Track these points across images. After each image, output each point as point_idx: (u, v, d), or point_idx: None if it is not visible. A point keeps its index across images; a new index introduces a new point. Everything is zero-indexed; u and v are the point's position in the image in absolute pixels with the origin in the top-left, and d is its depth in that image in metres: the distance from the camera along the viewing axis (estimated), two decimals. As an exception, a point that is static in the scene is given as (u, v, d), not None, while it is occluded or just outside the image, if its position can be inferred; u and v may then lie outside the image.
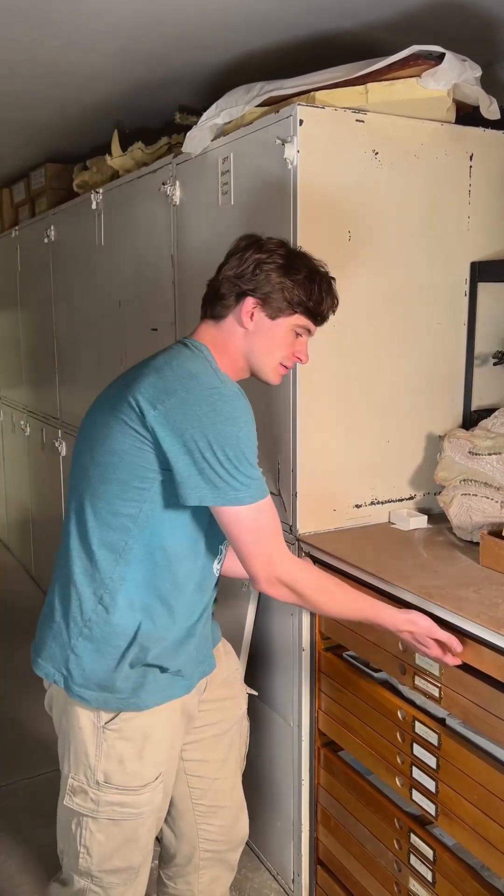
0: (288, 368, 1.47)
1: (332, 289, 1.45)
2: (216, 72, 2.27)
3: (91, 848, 1.38)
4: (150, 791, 1.39)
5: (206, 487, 1.27)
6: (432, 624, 1.38)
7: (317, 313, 1.43)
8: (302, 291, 1.39)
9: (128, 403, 1.30)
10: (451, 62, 1.72)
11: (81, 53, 2.14)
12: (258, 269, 1.38)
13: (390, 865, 1.65)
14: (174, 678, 1.41)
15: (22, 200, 3.83)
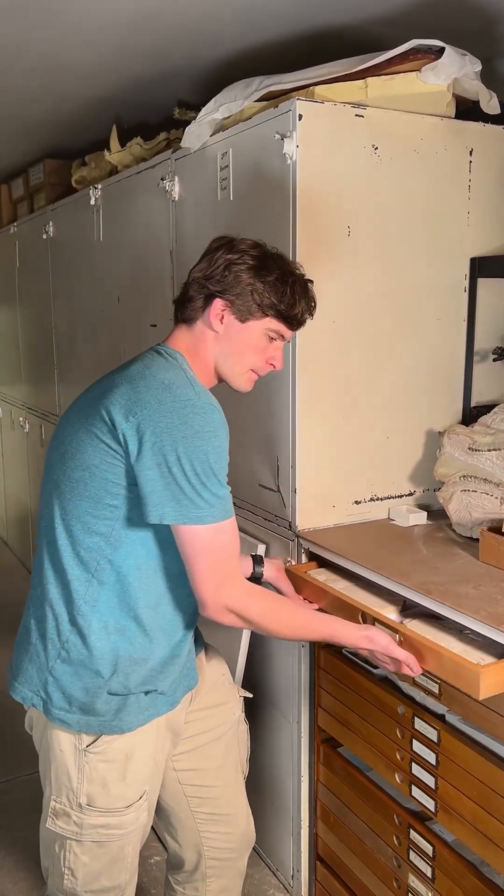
0: (260, 375, 1.43)
1: (307, 292, 1.40)
2: (215, 66, 2.27)
3: (76, 870, 1.35)
4: (134, 811, 1.36)
5: (168, 504, 1.22)
6: (390, 642, 1.35)
7: (290, 317, 1.38)
8: (273, 293, 1.34)
9: (99, 416, 1.26)
10: (450, 56, 1.71)
11: (79, 48, 2.13)
12: (227, 270, 1.34)
13: (390, 861, 1.65)
14: (157, 696, 1.38)
15: (20, 196, 3.82)
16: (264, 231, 1.80)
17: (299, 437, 1.78)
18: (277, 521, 1.88)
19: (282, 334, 1.40)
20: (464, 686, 1.26)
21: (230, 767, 1.60)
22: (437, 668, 1.31)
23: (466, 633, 1.41)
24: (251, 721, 2.06)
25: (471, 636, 1.40)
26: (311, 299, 1.42)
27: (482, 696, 1.24)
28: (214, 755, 1.57)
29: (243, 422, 1.99)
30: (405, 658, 1.34)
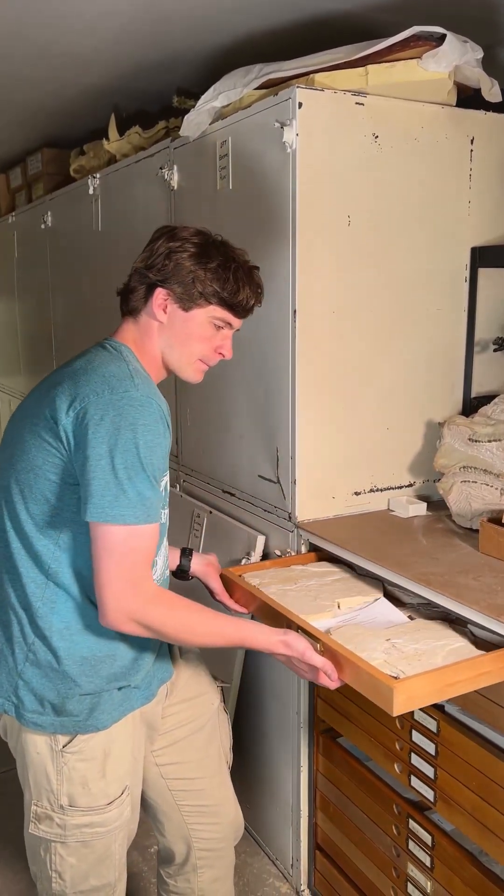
0: (210, 366, 1.40)
1: (251, 278, 1.36)
2: (214, 54, 2.25)
3: (63, 872, 1.34)
4: (117, 807, 1.35)
5: (91, 499, 1.19)
6: (308, 647, 1.29)
7: (234, 304, 1.34)
8: (216, 280, 1.31)
9: (43, 415, 1.25)
10: (452, 44, 1.69)
11: (78, 35, 2.11)
12: (168, 259, 1.31)
13: (389, 850, 1.65)
14: (130, 691, 1.37)
15: (18, 186, 3.80)
16: (264, 220, 1.79)
17: (299, 428, 1.78)
18: (277, 512, 1.88)
19: (228, 322, 1.36)
20: (379, 701, 1.21)
21: (212, 758, 1.59)
22: (355, 681, 1.26)
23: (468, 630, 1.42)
24: (251, 711, 2.07)
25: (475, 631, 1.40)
26: (256, 286, 1.38)
27: (396, 712, 1.18)
28: (195, 747, 1.56)
29: (242, 413, 1.99)
30: (322, 665, 1.28)
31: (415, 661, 1.28)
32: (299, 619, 1.41)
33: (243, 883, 2.03)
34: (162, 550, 1.39)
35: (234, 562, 1.94)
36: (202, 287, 1.31)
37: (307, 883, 1.98)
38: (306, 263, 1.71)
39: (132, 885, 2.02)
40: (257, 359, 1.89)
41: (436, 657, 1.30)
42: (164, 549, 1.40)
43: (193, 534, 2.20)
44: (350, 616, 1.50)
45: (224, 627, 1.30)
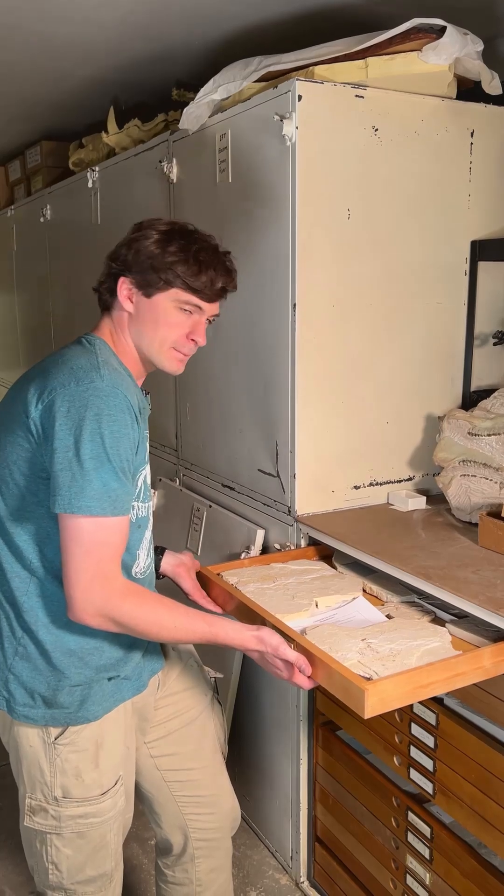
0: (186, 354, 1.37)
1: (217, 259, 1.32)
2: (214, 46, 2.24)
3: (59, 864, 1.35)
4: (111, 797, 1.36)
5: (58, 490, 1.18)
6: (281, 642, 1.27)
7: (197, 287, 1.30)
8: (176, 263, 1.29)
9: (16, 410, 1.26)
10: (452, 36, 1.69)
11: (77, 27, 2.10)
12: (129, 247, 1.31)
13: (388, 843, 1.66)
14: (121, 682, 1.37)
15: (17, 179, 3.79)
16: (263, 213, 1.79)
17: (298, 422, 1.78)
18: (276, 506, 1.88)
19: (197, 306, 1.33)
20: (350, 703, 1.19)
21: (207, 749, 1.59)
22: (328, 683, 1.25)
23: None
24: (250, 704, 2.08)
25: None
26: (223, 267, 1.33)
27: (367, 714, 1.16)
28: (189, 738, 1.57)
29: (242, 407, 1.98)
30: (296, 660, 1.25)
31: (389, 661, 1.27)
32: (274, 619, 1.41)
33: (243, 875, 2.04)
34: (144, 543, 1.39)
35: (234, 556, 1.95)
36: (161, 271, 1.29)
37: (307, 875, 1.99)
38: (306, 256, 1.71)
39: (132, 878, 2.03)
40: (257, 353, 1.88)
41: (411, 658, 1.29)
42: (146, 542, 1.40)
43: (193, 528, 2.20)
44: (327, 615, 1.50)
45: (195, 623, 1.28)
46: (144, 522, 1.37)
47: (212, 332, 2.06)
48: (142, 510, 1.35)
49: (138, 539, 1.35)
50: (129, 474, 1.24)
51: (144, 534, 1.38)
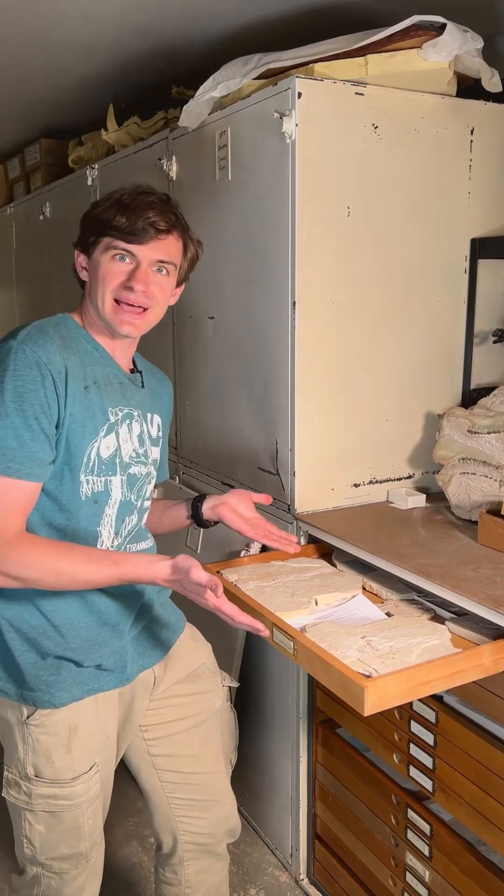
0: (131, 305, 1.31)
1: (140, 199, 1.30)
2: (213, 44, 2.23)
3: (32, 839, 1.36)
4: (83, 782, 1.35)
5: None
6: (194, 564, 1.18)
7: (122, 228, 1.28)
8: (102, 213, 1.31)
9: None
10: (452, 33, 1.68)
11: (76, 24, 2.10)
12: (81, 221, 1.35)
13: (387, 840, 1.66)
14: (97, 672, 1.36)
15: (17, 177, 3.79)
16: (263, 211, 1.79)
17: (298, 420, 1.78)
18: (276, 503, 1.88)
19: (127, 250, 1.30)
20: (350, 700, 1.19)
21: (209, 755, 1.58)
22: (327, 680, 1.25)
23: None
24: (250, 702, 2.08)
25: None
26: (145, 203, 1.30)
27: (367, 711, 1.16)
28: (191, 742, 1.55)
29: (242, 405, 1.98)
30: (207, 581, 1.16)
31: (389, 659, 1.27)
32: (275, 617, 1.41)
33: (243, 872, 2.04)
34: (107, 520, 1.34)
35: (234, 553, 1.94)
36: (93, 225, 1.32)
37: (306, 872, 1.99)
38: (306, 254, 1.71)
39: (132, 875, 2.04)
40: (257, 351, 1.88)
41: (410, 655, 1.29)
42: (110, 518, 1.35)
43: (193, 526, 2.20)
44: (327, 613, 1.50)
45: (99, 565, 1.22)
46: (103, 498, 1.33)
47: (211, 330, 2.08)
48: (97, 484, 1.31)
49: (96, 515, 1.32)
50: (41, 436, 1.22)
51: (104, 510, 1.33)
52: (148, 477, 1.44)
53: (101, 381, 1.32)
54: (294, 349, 1.74)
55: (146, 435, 1.43)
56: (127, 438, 1.37)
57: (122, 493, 1.36)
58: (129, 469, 1.38)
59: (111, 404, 1.34)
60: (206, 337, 2.10)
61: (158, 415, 1.49)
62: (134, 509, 1.40)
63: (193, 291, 2.16)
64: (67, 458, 1.27)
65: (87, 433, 1.29)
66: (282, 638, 1.36)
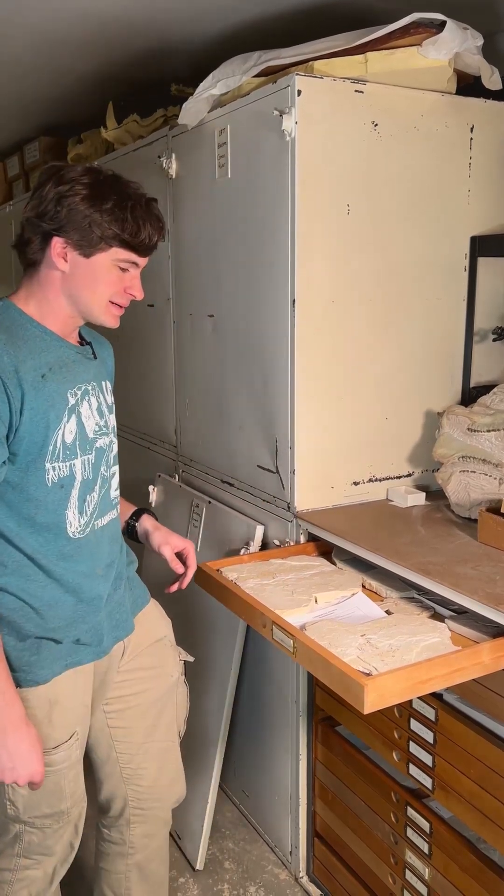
0: (122, 307, 1.36)
1: (150, 212, 1.31)
2: (213, 41, 2.23)
3: (16, 801, 1.39)
4: (64, 750, 1.38)
5: None
6: (10, 769, 1.28)
7: (136, 244, 1.30)
8: (114, 222, 1.27)
9: None
10: (452, 31, 1.68)
11: (76, 22, 2.10)
12: (60, 205, 1.26)
13: (387, 838, 1.66)
14: (76, 647, 1.39)
15: (16, 175, 3.78)
16: (263, 209, 1.78)
17: (298, 418, 1.78)
18: (276, 502, 1.88)
19: (134, 262, 1.33)
20: (350, 698, 1.19)
21: (162, 727, 1.61)
22: (327, 678, 1.25)
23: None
24: (250, 699, 2.08)
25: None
26: (156, 220, 1.32)
27: (367, 710, 1.16)
28: (146, 715, 1.58)
29: (241, 403, 1.98)
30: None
31: (388, 657, 1.28)
32: (275, 615, 1.41)
33: (242, 870, 2.05)
34: (72, 503, 1.35)
35: (234, 552, 1.95)
36: (101, 231, 1.27)
37: (306, 870, 2.00)
38: (305, 252, 1.71)
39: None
40: (256, 349, 1.88)
41: (410, 653, 1.29)
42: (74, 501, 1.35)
43: (192, 524, 2.20)
44: (327, 611, 1.50)
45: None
46: (69, 482, 1.33)
47: (211, 328, 2.07)
48: (62, 470, 1.32)
49: (62, 499, 1.33)
50: None
51: (70, 493, 1.34)
52: (111, 445, 1.45)
53: (54, 365, 1.31)
54: (293, 347, 1.74)
55: (104, 405, 1.43)
56: (89, 414, 1.37)
57: (84, 473, 1.36)
58: (96, 443, 1.39)
59: (69, 386, 1.33)
60: (205, 335, 2.10)
61: (108, 380, 1.50)
62: (94, 486, 1.39)
63: (193, 289, 2.16)
64: (31, 451, 1.28)
65: (50, 423, 1.29)
66: (281, 636, 1.36)
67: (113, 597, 1.47)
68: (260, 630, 1.45)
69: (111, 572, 1.46)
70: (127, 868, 1.65)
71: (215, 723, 2.05)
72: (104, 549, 1.44)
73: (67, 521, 1.35)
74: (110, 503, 1.46)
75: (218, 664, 2.05)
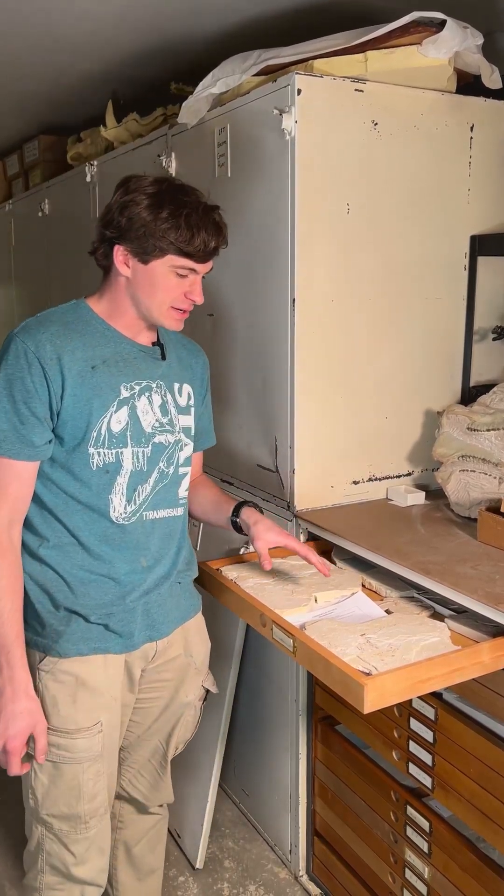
0: (185, 311, 1.40)
1: (207, 220, 1.34)
2: (212, 40, 2.23)
3: (36, 789, 1.41)
4: (85, 738, 1.39)
5: None
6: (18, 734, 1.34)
7: (190, 252, 1.32)
8: (169, 230, 1.30)
9: None
10: (452, 29, 1.68)
11: (75, 21, 2.09)
12: (122, 214, 1.32)
13: (387, 837, 1.66)
14: (105, 633, 1.40)
15: (16, 173, 3.78)
16: (263, 208, 1.78)
17: (298, 418, 1.78)
18: (276, 501, 1.88)
19: (192, 268, 1.35)
20: (350, 698, 1.19)
21: (159, 739, 1.61)
22: (327, 678, 1.25)
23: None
24: (250, 699, 2.08)
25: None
26: (214, 226, 1.35)
27: (367, 709, 1.16)
28: (147, 719, 1.58)
29: (241, 402, 1.98)
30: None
31: (388, 656, 1.28)
32: (274, 614, 1.41)
33: (242, 869, 2.05)
34: (118, 489, 1.39)
35: (233, 551, 1.94)
36: (155, 240, 1.31)
37: (305, 869, 2.00)
38: (305, 251, 1.71)
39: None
40: (256, 348, 1.88)
41: (410, 653, 1.29)
42: (121, 487, 1.40)
43: (192, 523, 2.20)
44: (327, 610, 1.50)
45: (4, 627, 1.32)
46: (114, 468, 1.38)
47: (210, 327, 2.07)
48: (108, 456, 1.37)
49: (107, 484, 1.38)
50: (31, 419, 1.31)
51: (116, 479, 1.39)
52: (178, 445, 1.48)
53: (110, 359, 1.38)
54: (293, 346, 1.74)
55: (171, 405, 1.47)
56: (147, 409, 1.42)
57: (135, 463, 1.41)
58: (154, 439, 1.44)
59: (124, 380, 1.39)
60: (205, 334, 2.10)
61: (189, 384, 1.53)
62: (148, 478, 1.43)
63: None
64: (76, 435, 1.35)
65: (93, 410, 1.35)
66: (281, 635, 1.37)
67: (153, 593, 1.46)
68: (260, 629, 1.45)
69: (158, 568, 1.46)
70: (114, 844, 1.67)
71: (215, 721, 2.05)
72: (153, 542, 1.45)
73: (111, 506, 1.39)
74: (172, 501, 1.49)
75: (217, 663, 2.05)
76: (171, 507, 1.49)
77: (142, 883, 1.75)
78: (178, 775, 1.98)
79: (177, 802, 1.83)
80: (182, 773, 2.08)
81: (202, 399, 1.59)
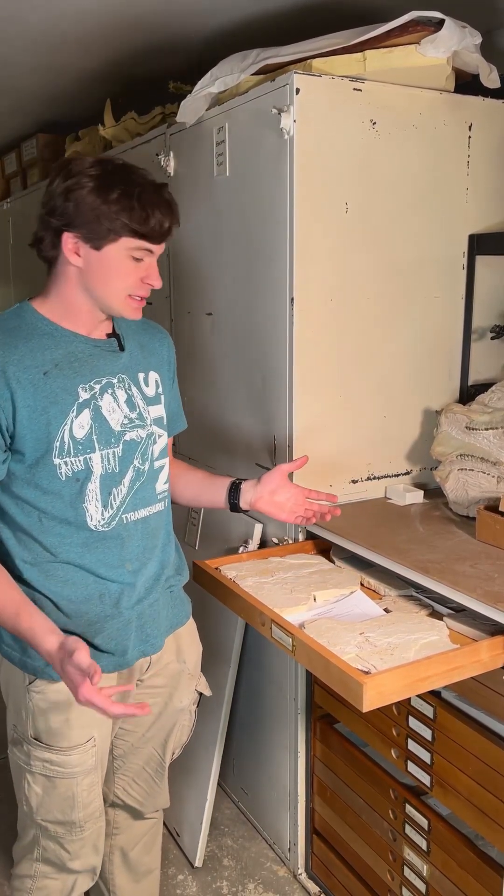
0: (143, 298, 1.34)
1: (160, 198, 1.28)
2: (211, 39, 2.23)
3: (30, 799, 1.40)
4: (79, 753, 1.38)
5: None
6: (81, 647, 1.17)
7: (146, 232, 1.26)
8: (121, 212, 1.23)
9: None
10: (450, 29, 1.68)
11: (74, 20, 2.09)
12: (67, 199, 1.24)
13: (385, 835, 1.67)
14: (96, 654, 1.35)
15: (14, 172, 3.77)
16: (261, 207, 1.78)
17: (296, 417, 1.78)
18: (274, 500, 1.88)
19: (148, 249, 1.29)
20: (349, 696, 1.19)
21: (154, 745, 1.60)
22: (326, 676, 1.25)
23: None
24: (249, 697, 2.08)
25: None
26: (166, 205, 1.29)
27: (366, 707, 1.16)
28: (140, 727, 1.57)
29: (240, 401, 1.98)
30: (88, 667, 1.14)
31: (387, 655, 1.28)
32: (273, 613, 1.41)
33: (241, 867, 2.05)
34: (91, 496, 1.34)
35: (232, 550, 1.95)
36: (108, 222, 1.24)
37: (304, 867, 2.00)
38: (304, 251, 1.71)
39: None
40: (255, 347, 1.88)
41: (409, 651, 1.29)
42: (94, 494, 1.34)
43: (191, 522, 2.20)
44: (326, 609, 1.50)
45: (3, 608, 1.26)
46: (84, 475, 1.32)
47: (209, 326, 2.07)
48: (76, 464, 1.31)
49: (79, 493, 1.32)
50: None
51: (86, 486, 1.33)
52: (151, 438, 1.42)
53: (62, 362, 1.30)
54: (292, 345, 1.74)
55: (137, 397, 1.41)
56: (114, 407, 1.36)
57: (105, 466, 1.35)
58: (125, 436, 1.37)
59: (81, 381, 1.32)
60: (204, 333, 2.10)
61: (155, 370, 1.47)
62: (121, 479, 1.38)
63: (191, 287, 2.16)
64: (38, 447, 1.28)
65: (51, 419, 1.28)
66: (280, 634, 1.37)
67: (144, 601, 1.43)
68: (259, 628, 1.45)
69: (145, 570, 1.43)
70: (110, 850, 1.67)
71: (214, 720, 2.05)
72: (135, 544, 1.40)
73: (88, 515, 1.34)
74: (151, 498, 1.43)
75: (216, 662, 2.05)
76: (150, 505, 1.43)
77: (139, 884, 1.75)
78: (177, 774, 1.99)
79: (176, 801, 1.84)
80: (181, 771, 2.08)
81: (171, 383, 1.53)
